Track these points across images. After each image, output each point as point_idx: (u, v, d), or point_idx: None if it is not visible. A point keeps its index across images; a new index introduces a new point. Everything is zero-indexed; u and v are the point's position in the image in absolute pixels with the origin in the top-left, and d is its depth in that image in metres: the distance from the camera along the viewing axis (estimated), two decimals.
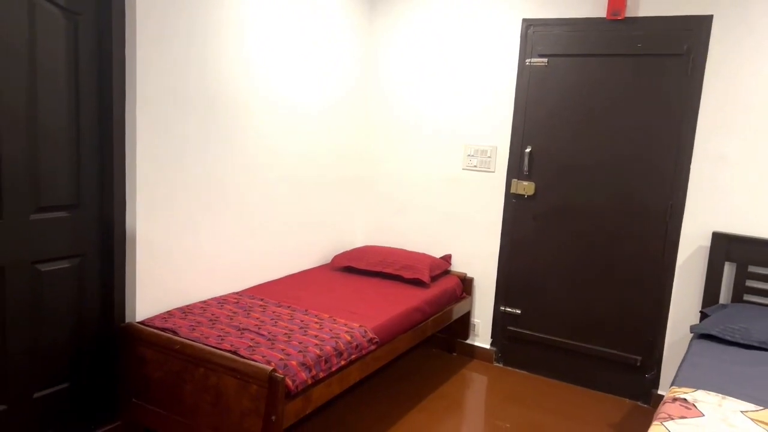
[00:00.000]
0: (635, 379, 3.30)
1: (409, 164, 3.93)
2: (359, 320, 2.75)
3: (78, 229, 2.38)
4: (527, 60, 3.44)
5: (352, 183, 4.03)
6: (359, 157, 4.07)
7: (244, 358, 2.20)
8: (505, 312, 3.67)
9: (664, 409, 1.95)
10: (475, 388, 3.37)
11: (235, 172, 3.00)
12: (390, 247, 3.89)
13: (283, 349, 2.31)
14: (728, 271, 2.99)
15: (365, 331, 2.64)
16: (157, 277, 2.62)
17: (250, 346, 2.31)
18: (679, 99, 3.07)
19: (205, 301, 2.82)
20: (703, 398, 2.03)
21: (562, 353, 3.50)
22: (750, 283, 2.93)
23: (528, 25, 3.42)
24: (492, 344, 3.73)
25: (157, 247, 2.61)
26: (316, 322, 2.65)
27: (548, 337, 3.53)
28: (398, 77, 3.90)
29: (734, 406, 1.99)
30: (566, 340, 3.47)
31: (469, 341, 3.81)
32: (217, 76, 2.80)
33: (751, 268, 2.92)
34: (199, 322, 2.52)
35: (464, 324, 3.78)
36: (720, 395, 2.06)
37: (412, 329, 3.07)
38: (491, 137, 3.62)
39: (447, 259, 3.82)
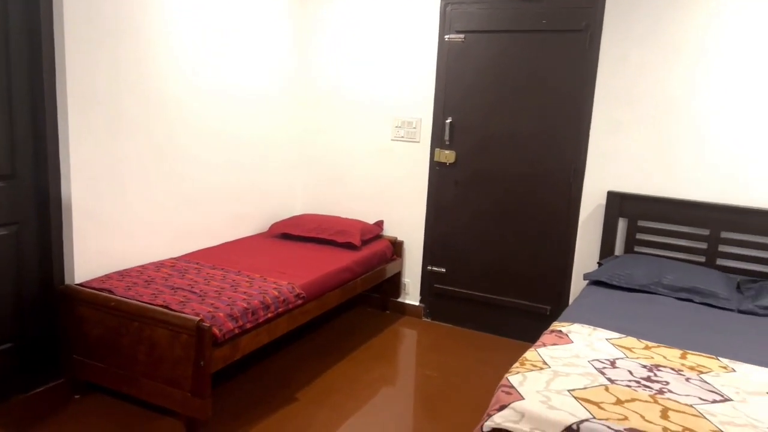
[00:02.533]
0: (546, 327, 3.64)
1: (343, 137, 4.15)
2: (288, 279, 2.99)
3: (14, 198, 2.53)
4: (446, 36, 3.68)
5: (290, 155, 4.23)
6: (297, 130, 4.27)
7: (175, 311, 2.42)
8: (431, 271, 3.97)
9: (542, 339, 2.27)
10: (403, 341, 3.67)
11: (171, 144, 3.17)
12: (326, 215, 4.13)
13: (212, 304, 2.53)
14: (622, 226, 3.34)
15: (293, 288, 2.88)
16: (94, 242, 2.79)
17: (182, 302, 2.52)
18: (579, 71, 3.37)
19: (143, 266, 3.01)
20: (577, 330, 2.35)
21: (482, 306, 3.83)
22: (640, 236, 3.29)
23: (446, 3, 3.66)
24: (421, 301, 4.04)
25: (94, 215, 2.78)
26: (247, 281, 2.88)
27: (470, 292, 3.85)
28: (330, 56, 4.10)
29: (602, 335, 2.32)
30: (485, 294, 3.80)
31: (400, 299, 4.10)
32: (146, 51, 2.95)
33: (641, 223, 3.28)
34: (135, 283, 2.72)
35: (395, 284, 4.07)
36: (592, 327, 2.39)
37: (341, 287, 3.33)
38: (416, 109, 3.87)
39: (379, 224, 4.08)
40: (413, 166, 3.93)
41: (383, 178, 4.05)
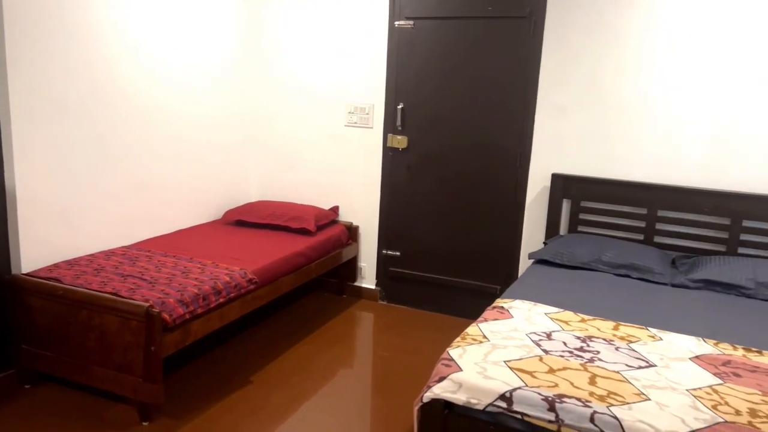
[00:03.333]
0: None
1: (297, 123, 4.17)
2: (241, 264, 3.02)
3: None
4: (396, 23, 3.73)
5: (244, 142, 4.23)
6: (251, 117, 4.27)
7: (124, 298, 2.43)
8: (386, 255, 4.05)
9: (484, 315, 2.36)
10: (360, 323, 3.74)
11: (120, 131, 3.13)
12: (281, 201, 4.15)
13: (162, 290, 2.55)
14: (566, 206, 3.47)
15: (245, 273, 2.91)
16: (41, 231, 2.76)
17: (131, 289, 2.53)
18: (524, 57, 3.47)
19: (92, 254, 2.99)
20: (518, 306, 2.46)
21: (436, 288, 3.93)
22: (583, 216, 3.42)
23: None
24: (377, 284, 4.11)
25: (40, 203, 2.74)
26: (199, 268, 2.90)
27: (424, 274, 3.94)
28: (284, 43, 4.10)
29: (541, 309, 2.43)
30: (439, 276, 3.90)
31: (357, 283, 4.17)
32: (92, 37, 2.91)
33: (583, 203, 3.41)
34: (84, 272, 2.71)
35: (352, 268, 4.13)
36: (532, 303, 2.49)
37: (296, 271, 3.37)
38: (369, 96, 3.92)
39: (335, 210, 4.13)
40: (367, 152, 3.99)
41: (338, 163, 4.09)
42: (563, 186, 3.40)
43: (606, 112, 3.32)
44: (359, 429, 2.54)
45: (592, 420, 1.64)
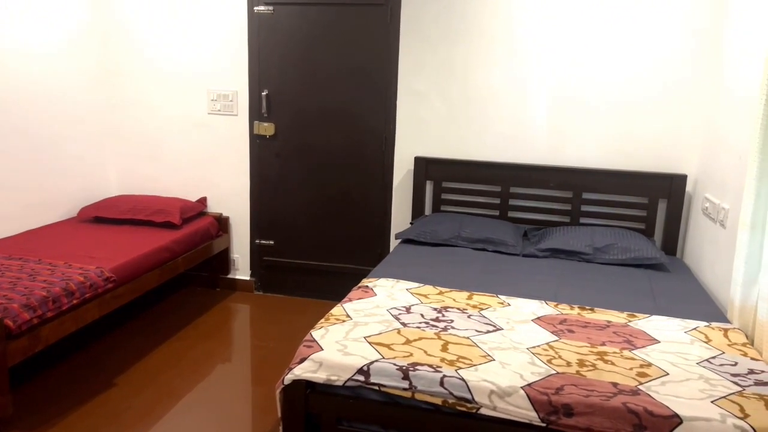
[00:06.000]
0: None
1: (158, 112, 3.98)
2: (97, 263, 2.86)
3: None
4: (255, 8, 3.67)
5: (100, 133, 3.96)
6: (107, 106, 4.00)
7: None
8: (260, 244, 4.01)
9: (349, 295, 2.43)
10: (234, 316, 3.69)
11: None
12: (143, 195, 3.96)
13: (4, 295, 2.35)
14: (429, 188, 3.63)
15: (102, 272, 2.76)
16: None
17: None
18: (383, 44, 3.56)
19: None
20: (382, 284, 2.56)
21: (312, 274, 3.96)
22: (445, 196, 3.61)
23: None
24: (251, 275, 4.07)
25: None
26: (48, 269, 2.70)
27: (299, 261, 3.95)
28: (140, 24, 3.88)
29: (403, 286, 2.54)
30: (313, 262, 3.93)
31: (230, 276, 4.09)
32: None
33: (445, 184, 3.59)
34: None
35: (224, 260, 4.05)
36: (395, 280, 2.60)
37: (160, 267, 3.24)
38: (231, 82, 3.83)
39: (202, 201, 4.01)
40: (233, 140, 3.90)
41: (204, 153, 3.97)
42: (425, 168, 3.55)
43: (460, 96, 3.51)
44: (234, 421, 2.52)
45: (441, 384, 1.76)
